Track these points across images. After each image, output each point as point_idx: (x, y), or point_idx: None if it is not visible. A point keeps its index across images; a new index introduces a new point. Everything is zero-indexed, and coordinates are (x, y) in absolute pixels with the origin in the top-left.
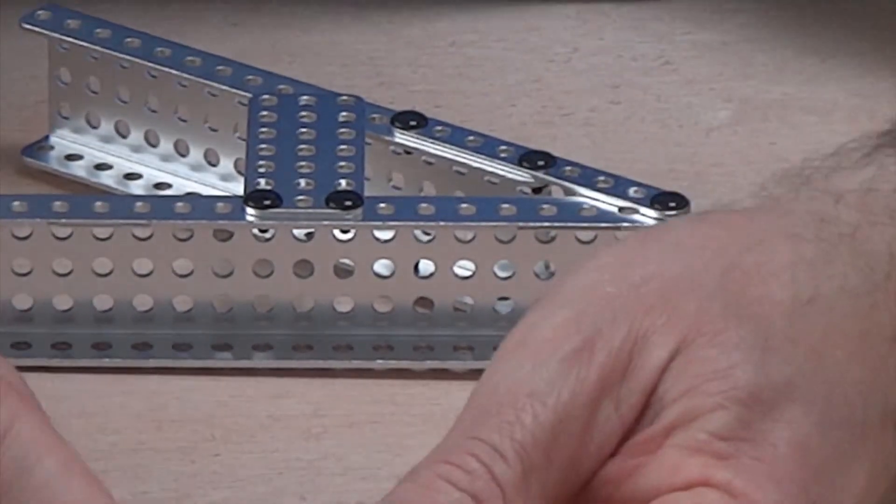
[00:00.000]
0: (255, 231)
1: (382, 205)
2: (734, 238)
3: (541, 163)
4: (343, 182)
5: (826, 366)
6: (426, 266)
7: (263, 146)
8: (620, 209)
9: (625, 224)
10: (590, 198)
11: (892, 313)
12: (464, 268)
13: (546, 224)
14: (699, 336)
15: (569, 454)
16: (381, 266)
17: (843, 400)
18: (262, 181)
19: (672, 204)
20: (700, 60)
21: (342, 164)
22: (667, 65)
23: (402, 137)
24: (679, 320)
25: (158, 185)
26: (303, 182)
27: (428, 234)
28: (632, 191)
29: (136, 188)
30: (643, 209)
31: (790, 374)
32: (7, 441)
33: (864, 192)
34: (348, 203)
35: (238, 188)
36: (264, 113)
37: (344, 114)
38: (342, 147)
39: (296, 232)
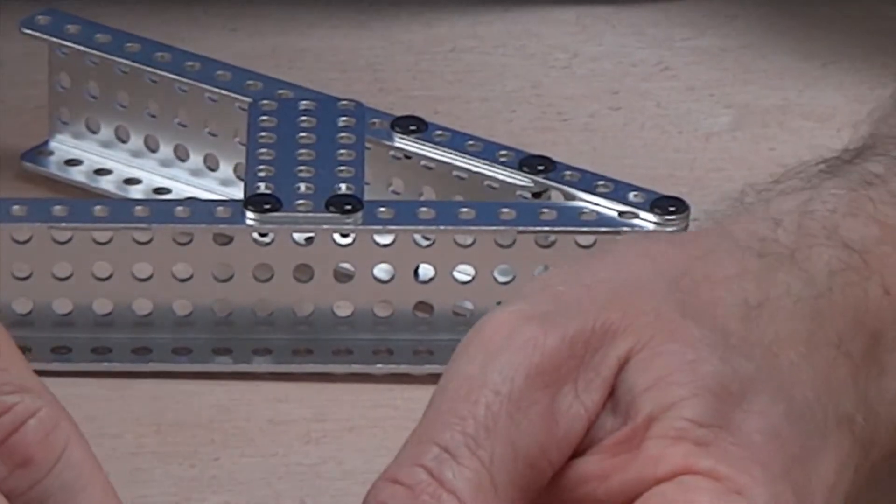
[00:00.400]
0: (255, 235)
1: (382, 209)
2: (680, 252)
3: (541, 167)
4: (343, 186)
5: (781, 365)
6: (426, 270)
7: (263, 150)
8: (620, 214)
9: (624, 228)
10: (589, 202)
11: (836, 324)
12: (463, 272)
13: (546, 228)
14: (658, 332)
15: (534, 441)
16: (381, 270)
17: (802, 398)
18: (262, 185)
19: (672, 208)
20: (700, 66)
21: (342, 168)
22: (666, 70)
23: (401, 142)
24: (635, 317)
25: (158, 191)
26: (303, 186)
27: (428, 238)
28: (631, 195)
29: (136, 193)
30: (643, 214)
31: (753, 369)
32: (60, 464)
33: (800, 214)
34: (348, 207)
35: (237, 194)
36: (264, 117)
37: (344, 118)
38: (342, 151)
39: (296, 236)
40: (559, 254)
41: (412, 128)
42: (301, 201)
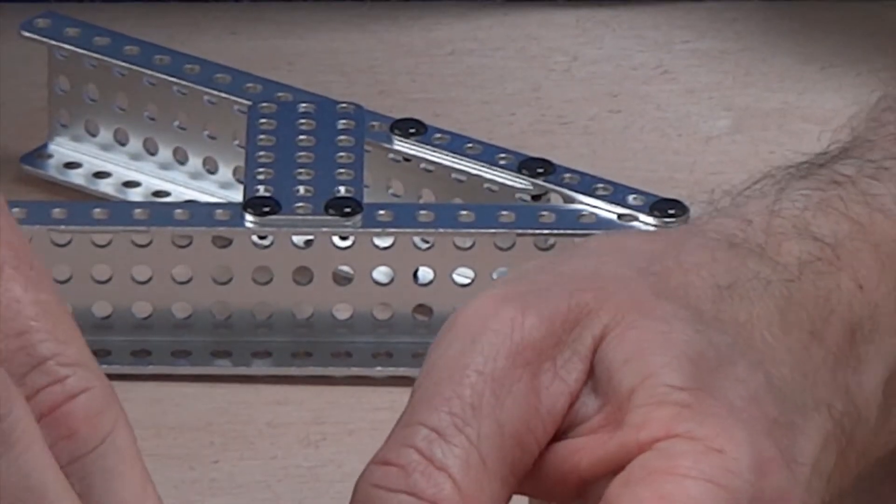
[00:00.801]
0: (254, 238)
1: (381, 212)
2: (650, 245)
3: (540, 170)
4: (342, 189)
5: (756, 342)
6: (425, 273)
7: (262, 153)
8: (619, 216)
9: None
10: (589, 205)
11: (808, 309)
12: (463, 275)
13: (545, 231)
14: (631, 310)
15: (519, 418)
16: (380, 273)
17: (779, 374)
18: (262, 188)
19: (671, 211)
20: (699, 69)
21: (341, 171)
22: (666, 73)
23: (401, 145)
24: (608, 297)
25: (157, 194)
26: (302, 189)
27: (427, 241)
28: (631, 198)
29: (135, 196)
30: (642, 216)
31: (729, 341)
32: (104, 446)
33: (770, 213)
34: (347, 210)
35: (237, 197)
36: (263, 120)
37: (343, 121)
38: (341, 154)
39: (295, 239)
40: None
41: (411, 130)
42: (300, 204)
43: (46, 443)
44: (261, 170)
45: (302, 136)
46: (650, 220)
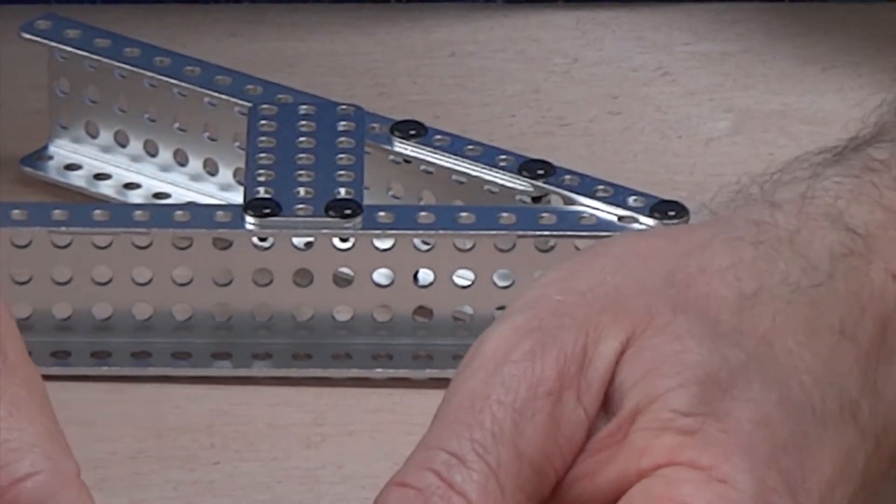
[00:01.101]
0: (255, 239)
1: (382, 213)
2: (674, 246)
3: (540, 172)
4: (342, 191)
5: (777, 353)
6: (425, 275)
7: (263, 155)
8: (620, 218)
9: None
10: (589, 207)
11: (837, 310)
12: (463, 277)
13: (545, 233)
14: (648, 328)
15: (538, 447)
16: (381, 275)
17: (799, 386)
18: (262, 189)
19: (671, 213)
20: (700, 71)
21: (342, 172)
22: (666, 75)
23: (401, 146)
24: (627, 316)
25: (158, 195)
26: (302, 191)
27: (427, 242)
28: (631, 200)
29: (136, 198)
30: (642, 218)
31: (744, 358)
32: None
33: (801, 200)
34: (348, 212)
35: (237, 199)
36: (264, 122)
37: (343, 123)
38: (342, 156)
39: (295, 240)
40: (559, 258)
41: (412, 132)
42: (301, 206)
43: None
44: (261, 171)
45: (302, 138)
46: (650, 221)
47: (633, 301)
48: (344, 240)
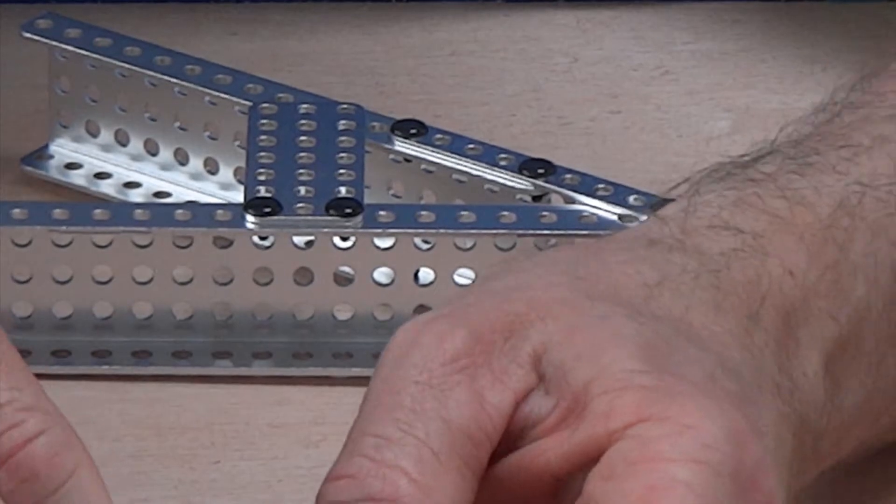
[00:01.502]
0: (255, 238)
1: (382, 213)
2: (573, 252)
3: (541, 171)
4: (343, 190)
5: (699, 332)
6: (426, 274)
7: (263, 154)
8: (620, 217)
9: None
10: (589, 206)
11: (741, 297)
12: (464, 276)
13: (546, 232)
14: (569, 313)
15: (464, 414)
16: (381, 274)
17: (729, 357)
18: (262, 189)
19: None
20: (700, 70)
21: (342, 171)
22: (667, 74)
23: (401, 145)
24: (543, 306)
25: (158, 194)
26: (303, 190)
27: (428, 242)
28: (631, 198)
29: (136, 197)
30: (643, 217)
31: (672, 332)
32: (68, 486)
33: (685, 214)
34: (348, 211)
35: (237, 197)
36: (264, 121)
37: (344, 122)
38: (342, 155)
39: (296, 239)
40: None
41: (412, 131)
42: (301, 205)
43: (10, 487)
44: (261, 170)
45: (303, 137)
46: None
47: (545, 293)
48: (344, 239)
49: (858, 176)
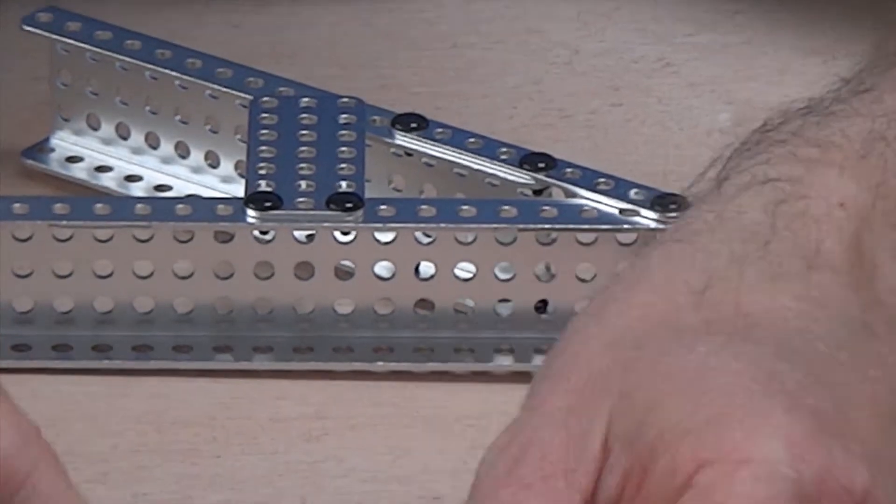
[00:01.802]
0: (256, 233)
1: (383, 206)
2: (620, 321)
3: (541, 165)
4: (344, 184)
5: (753, 321)
6: (427, 268)
7: (264, 148)
8: (621, 211)
9: (625, 226)
10: (590, 199)
11: (796, 254)
12: (464, 269)
13: (547, 226)
14: (634, 389)
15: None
16: (382, 268)
17: (796, 332)
18: (263, 183)
19: (672, 206)
20: (701, 62)
21: (343, 165)
22: (668, 67)
23: (402, 139)
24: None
25: (159, 188)
26: (303, 184)
27: (429, 235)
28: (632, 192)
29: (137, 190)
30: (644, 211)
31: (719, 344)
32: (24, 492)
33: (717, 183)
34: (349, 205)
35: (238, 191)
36: (265, 115)
37: (344, 116)
38: (343, 149)
39: (296, 234)
40: (560, 251)
41: (413, 125)
42: (302, 199)
43: None
44: (262, 165)
45: (303, 131)
46: (651, 214)
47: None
48: (345, 233)
49: (883, 111)
